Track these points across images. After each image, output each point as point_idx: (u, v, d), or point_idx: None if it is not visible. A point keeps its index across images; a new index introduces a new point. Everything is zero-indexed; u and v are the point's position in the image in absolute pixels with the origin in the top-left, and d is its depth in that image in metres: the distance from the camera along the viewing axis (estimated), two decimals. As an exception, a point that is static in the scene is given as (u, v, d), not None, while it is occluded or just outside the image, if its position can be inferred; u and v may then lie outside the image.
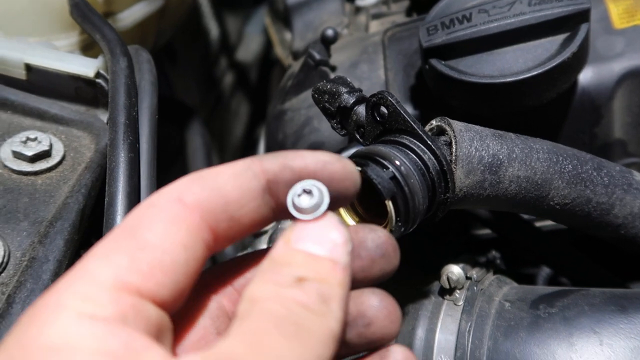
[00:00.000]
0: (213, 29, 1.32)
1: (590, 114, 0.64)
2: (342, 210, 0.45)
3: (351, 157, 0.43)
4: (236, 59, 1.43)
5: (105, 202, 0.46)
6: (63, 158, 0.52)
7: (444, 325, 0.52)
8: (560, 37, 0.58)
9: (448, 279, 0.54)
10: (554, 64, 0.55)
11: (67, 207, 0.47)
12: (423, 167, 0.43)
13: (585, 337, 0.48)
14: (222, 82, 1.39)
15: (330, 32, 0.70)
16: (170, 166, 1.25)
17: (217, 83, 1.38)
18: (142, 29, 0.76)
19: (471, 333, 0.51)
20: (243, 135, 1.49)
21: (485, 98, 0.58)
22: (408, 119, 0.44)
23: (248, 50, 1.48)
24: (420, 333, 0.53)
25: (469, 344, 0.50)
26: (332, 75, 0.73)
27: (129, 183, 0.46)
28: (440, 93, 0.62)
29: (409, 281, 0.60)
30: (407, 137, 0.44)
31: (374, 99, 0.46)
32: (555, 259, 0.69)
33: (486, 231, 0.76)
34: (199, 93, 1.30)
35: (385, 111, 0.45)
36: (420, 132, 0.43)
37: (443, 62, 0.60)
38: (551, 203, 0.48)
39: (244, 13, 1.48)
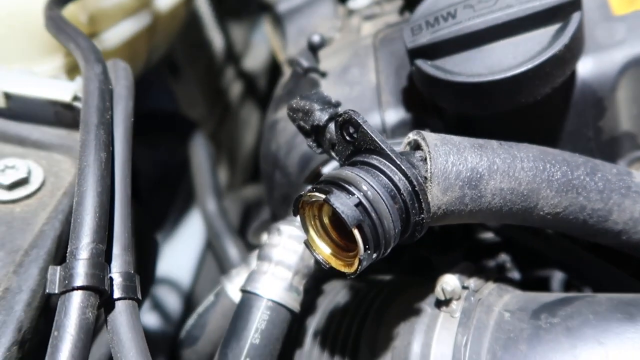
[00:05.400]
0: (217, 39, 1.31)
1: (593, 107, 0.60)
2: (315, 237, 0.44)
3: (317, 184, 0.41)
4: (244, 69, 1.42)
5: (74, 201, 0.43)
6: (42, 184, 0.51)
7: (440, 339, 0.50)
8: (552, 28, 0.54)
9: (443, 289, 0.51)
10: (544, 58, 0.52)
11: (43, 234, 0.46)
12: (394, 189, 0.41)
13: (589, 350, 0.44)
14: (229, 92, 1.39)
15: (316, 38, 0.68)
16: (177, 180, 1.25)
17: (224, 94, 1.38)
18: (131, 47, 0.76)
19: (468, 347, 0.48)
20: (254, 145, 1.49)
21: (475, 98, 0.55)
22: (376, 138, 0.42)
23: (256, 58, 1.48)
24: (415, 348, 0.51)
25: (466, 359, 0.48)
26: (321, 82, 0.71)
27: (100, 183, 0.44)
28: (429, 95, 0.60)
29: (407, 292, 0.58)
30: (377, 158, 0.42)
31: (341, 118, 0.44)
32: (566, 262, 0.65)
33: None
34: (205, 105, 1.31)
35: (353, 131, 0.43)
36: (389, 152, 0.41)
37: (429, 62, 0.57)
38: (541, 213, 0.45)
39: (249, 22, 1.48)
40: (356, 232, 0.39)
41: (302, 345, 0.59)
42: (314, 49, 0.70)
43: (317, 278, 0.65)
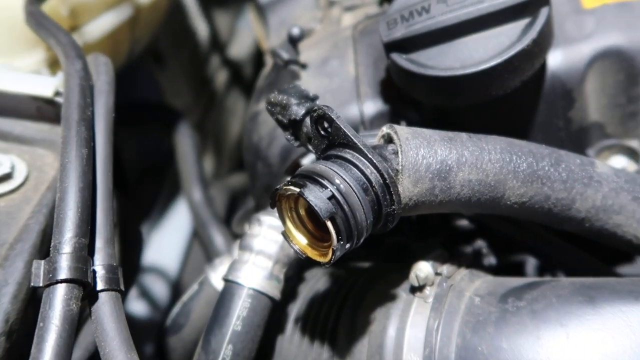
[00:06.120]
0: (201, 27, 1.31)
1: (562, 98, 0.62)
2: (292, 228, 0.45)
3: (291, 178, 0.42)
4: (229, 56, 1.42)
5: (57, 197, 0.44)
6: (26, 179, 0.52)
7: (414, 323, 0.52)
8: (521, 23, 0.56)
9: (417, 276, 0.54)
10: (513, 53, 0.53)
11: (28, 228, 0.48)
12: (366, 182, 0.43)
13: (552, 331, 0.47)
14: (215, 81, 1.39)
15: (295, 31, 0.69)
16: (163, 169, 1.26)
17: (209, 82, 1.38)
18: (113, 39, 0.76)
19: (439, 330, 0.51)
20: (240, 133, 1.50)
21: (448, 90, 0.57)
22: (348, 133, 0.43)
23: (241, 46, 1.48)
24: (391, 332, 0.53)
25: (437, 342, 0.50)
26: (302, 74, 0.73)
27: (81, 179, 0.45)
28: (405, 87, 0.61)
29: (384, 279, 0.60)
30: (350, 152, 0.44)
31: (315, 114, 0.45)
32: (538, 248, 0.68)
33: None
34: (190, 94, 1.31)
35: (328, 125, 0.45)
36: (361, 147, 0.43)
37: (404, 56, 0.58)
38: (508, 203, 0.48)
39: (234, 8, 1.47)
40: (329, 224, 0.41)
41: (284, 331, 0.61)
42: (293, 41, 0.71)
43: (299, 266, 0.67)
